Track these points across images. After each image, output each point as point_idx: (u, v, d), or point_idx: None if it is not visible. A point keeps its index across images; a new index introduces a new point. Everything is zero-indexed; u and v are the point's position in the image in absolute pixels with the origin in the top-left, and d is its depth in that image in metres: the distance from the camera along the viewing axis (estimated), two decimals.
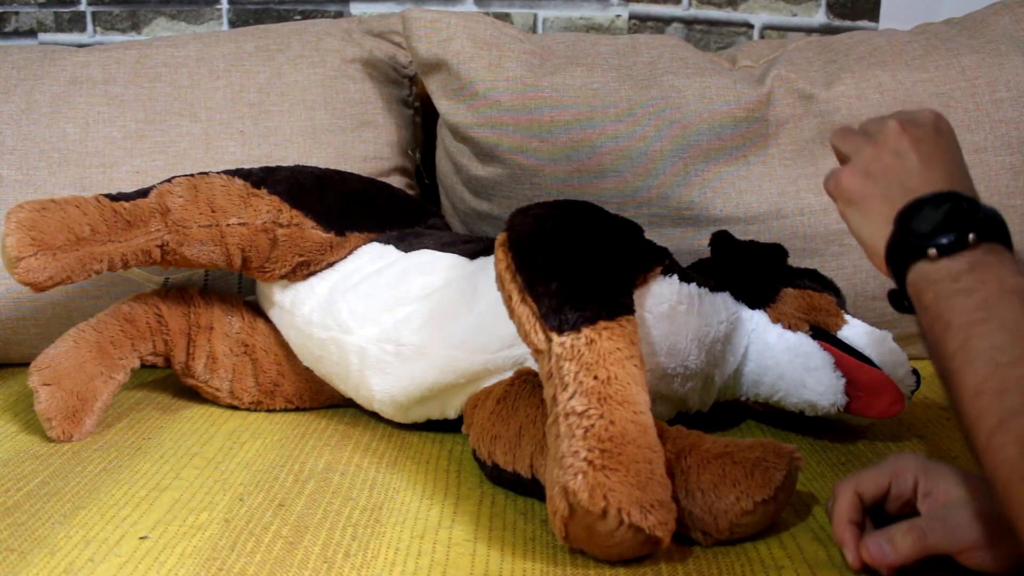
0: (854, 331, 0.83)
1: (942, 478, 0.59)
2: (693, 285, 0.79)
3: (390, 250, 0.89)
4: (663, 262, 0.78)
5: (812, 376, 0.81)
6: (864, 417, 0.83)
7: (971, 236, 0.52)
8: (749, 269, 0.85)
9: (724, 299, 0.82)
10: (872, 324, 0.84)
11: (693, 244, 1.03)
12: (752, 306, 0.84)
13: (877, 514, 0.62)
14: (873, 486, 0.61)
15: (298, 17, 1.40)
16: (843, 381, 0.80)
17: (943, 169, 0.57)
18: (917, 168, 0.58)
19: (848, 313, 0.86)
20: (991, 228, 0.52)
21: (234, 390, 0.92)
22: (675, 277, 0.78)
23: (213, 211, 0.87)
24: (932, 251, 0.52)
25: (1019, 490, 0.45)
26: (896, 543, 0.57)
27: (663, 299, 0.77)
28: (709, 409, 0.86)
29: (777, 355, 0.82)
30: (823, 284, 0.88)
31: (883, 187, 0.58)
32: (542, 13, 1.41)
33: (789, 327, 0.83)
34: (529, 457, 0.71)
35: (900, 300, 0.57)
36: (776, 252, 0.87)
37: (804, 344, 0.82)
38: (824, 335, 0.83)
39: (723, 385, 0.84)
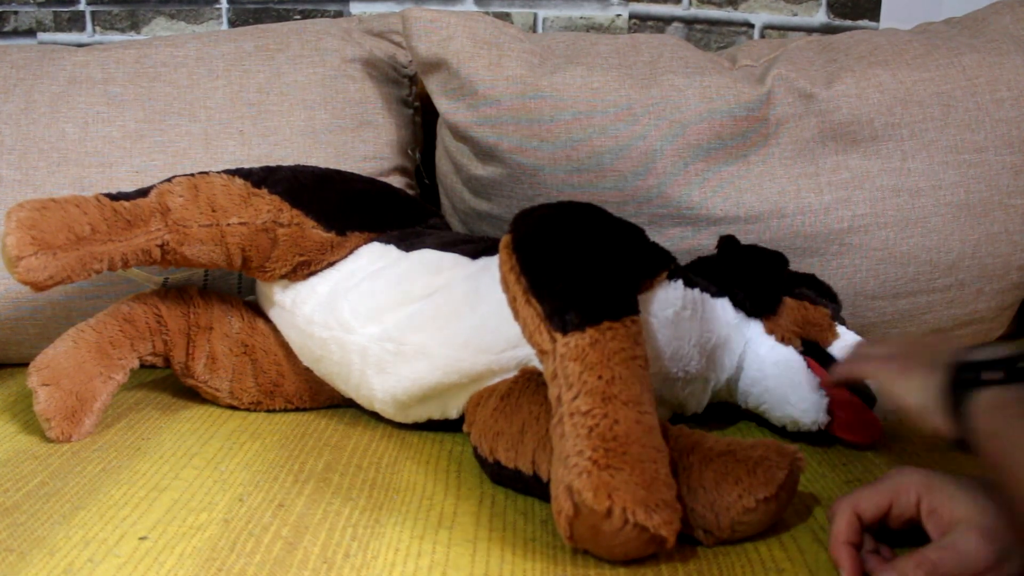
0: (847, 345, 0.83)
1: (947, 495, 0.58)
2: (697, 290, 0.79)
3: (391, 250, 0.89)
4: (669, 267, 0.78)
5: (796, 393, 0.80)
6: (846, 440, 0.82)
7: (1020, 364, 0.55)
8: (754, 277, 0.85)
9: (724, 305, 0.82)
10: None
11: (693, 244, 1.03)
12: (751, 314, 0.84)
13: (878, 527, 0.62)
14: (873, 506, 0.61)
15: (298, 17, 1.40)
16: (827, 400, 0.80)
17: None
18: (949, 348, 0.61)
19: (843, 323, 0.85)
20: None
21: (234, 390, 0.91)
22: (680, 282, 0.78)
23: (213, 211, 0.86)
24: (989, 375, 0.55)
25: None
26: None
27: (668, 304, 0.77)
28: (704, 409, 0.86)
29: (765, 368, 0.82)
30: (820, 291, 0.87)
31: (922, 355, 0.63)
32: (542, 13, 1.41)
33: (782, 340, 0.83)
34: (531, 453, 0.70)
35: (961, 444, 0.58)
36: (778, 261, 0.86)
37: (792, 360, 0.82)
38: (816, 350, 0.82)
39: (717, 390, 0.84)
